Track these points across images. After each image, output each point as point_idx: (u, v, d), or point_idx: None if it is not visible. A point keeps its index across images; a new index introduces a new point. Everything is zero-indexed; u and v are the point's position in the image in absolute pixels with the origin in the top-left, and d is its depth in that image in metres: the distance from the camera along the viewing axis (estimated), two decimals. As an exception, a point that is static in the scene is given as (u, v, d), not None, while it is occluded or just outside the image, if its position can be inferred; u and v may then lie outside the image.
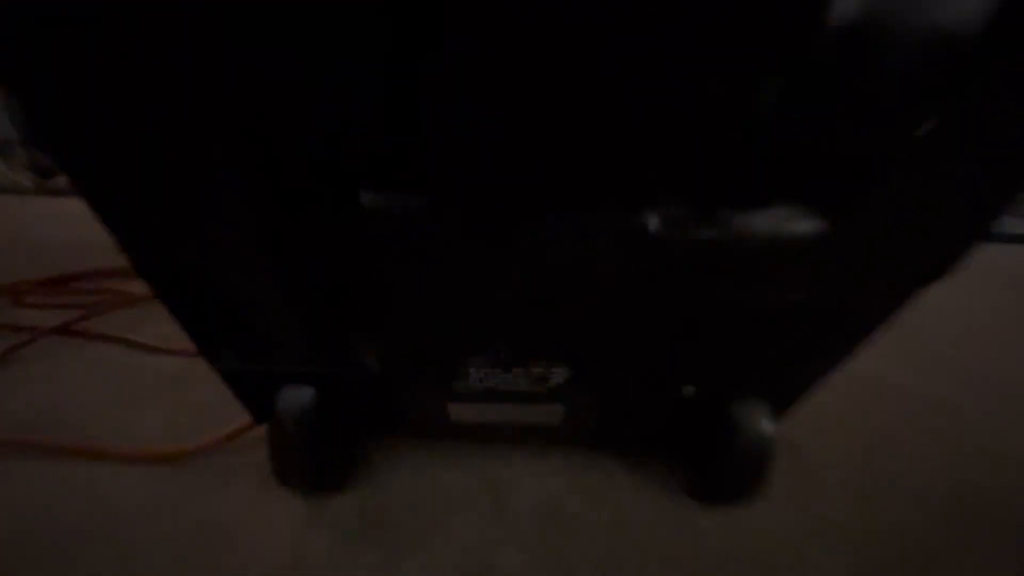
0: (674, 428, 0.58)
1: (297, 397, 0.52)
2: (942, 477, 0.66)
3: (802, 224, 0.37)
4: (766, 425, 0.53)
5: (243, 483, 0.59)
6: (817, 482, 0.63)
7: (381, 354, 0.47)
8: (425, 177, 0.35)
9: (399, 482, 0.60)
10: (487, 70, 0.30)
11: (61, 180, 3.71)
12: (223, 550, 0.51)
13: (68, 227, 1.97)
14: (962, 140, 0.32)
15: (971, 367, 1.01)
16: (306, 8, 0.28)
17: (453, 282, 0.40)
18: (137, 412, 0.72)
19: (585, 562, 0.50)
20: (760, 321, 0.45)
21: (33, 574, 0.47)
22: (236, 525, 0.54)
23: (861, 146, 0.33)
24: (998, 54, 0.28)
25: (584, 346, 0.45)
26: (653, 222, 0.36)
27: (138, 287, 1.17)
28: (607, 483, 0.61)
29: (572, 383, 0.48)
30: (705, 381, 0.51)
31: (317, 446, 0.54)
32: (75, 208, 0.45)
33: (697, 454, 0.58)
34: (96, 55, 0.28)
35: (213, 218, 0.37)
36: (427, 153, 0.33)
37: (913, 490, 0.63)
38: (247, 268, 0.40)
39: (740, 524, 0.56)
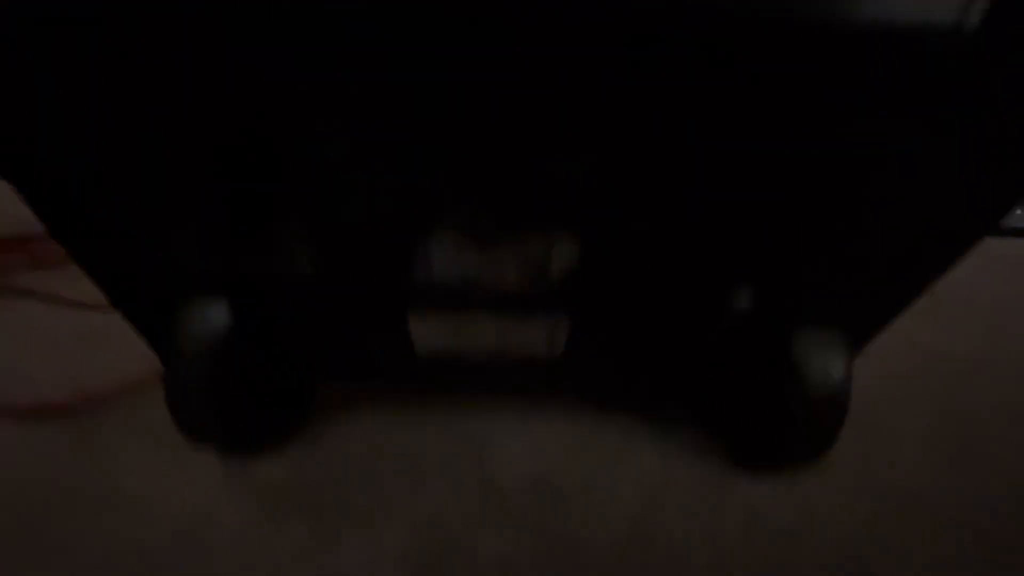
0: (716, 368, 0.44)
1: (205, 314, 0.38)
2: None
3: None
4: (840, 362, 0.39)
5: (146, 440, 0.45)
6: (890, 449, 0.49)
7: (316, 231, 0.32)
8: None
9: (352, 443, 0.46)
10: None
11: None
12: (107, 512, 0.37)
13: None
14: None
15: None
16: None
17: (403, 92, 0.26)
18: (43, 366, 0.59)
19: (597, 549, 0.36)
20: (847, 208, 0.32)
21: None
22: (126, 487, 0.40)
23: None
24: None
25: (603, 204, 0.30)
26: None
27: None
28: (623, 449, 0.47)
29: (582, 271, 0.34)
30: (766, 281, 0.36)
31: (233, 385, 0.40)
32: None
33: (747, 402, 0.44)
34: None
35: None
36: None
37: (998, 463, 0.49)
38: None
39: (802, 497, 0.42)
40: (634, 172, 0.28)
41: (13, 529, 0.36)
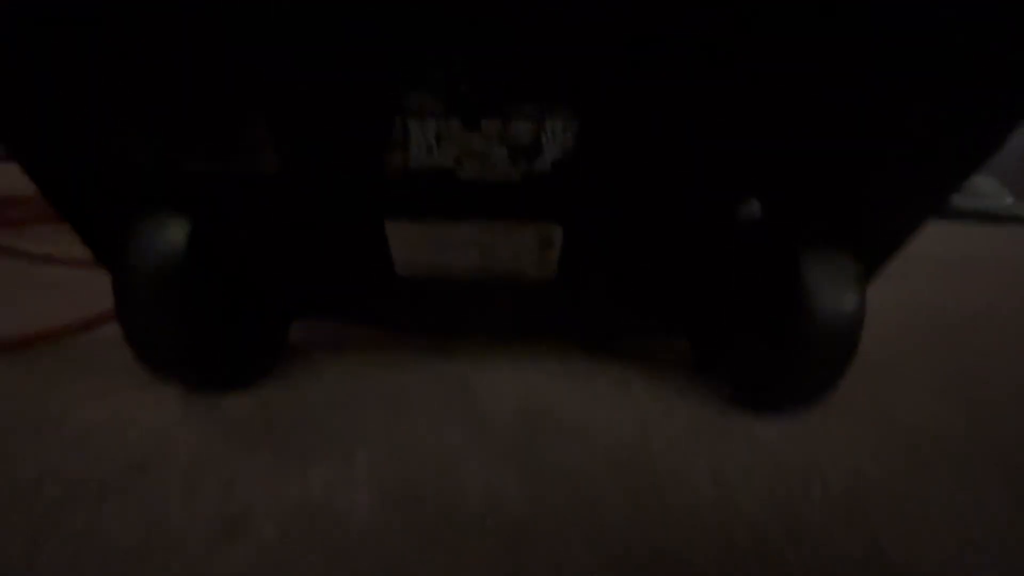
0: (718, 293, 0.41)
1: (161, 229, 0.34)
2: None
3: None
4: (852, 286, 0.36)
5: (102, 375, 0.42)
6: (895, 385, 0.47)
7: (278, 115, 0.29)
8: None
9: (326, 382, 0.43)
10: None
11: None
12: (52, 441, 0.33)
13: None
14: None
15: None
16: None
17: None
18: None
19: (594, 478, 0.33)
20: (858, 113, 0.29)
21: None
22: (76, 417, 0.36)
23: None
24: None
25: (604, 77, 0.26)
26: None
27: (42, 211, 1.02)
28: (618, 389, 0.44)
29: (577, 155, 0.30)
30: (773, 189, 0.33)
31: (194, 311, 0.36)
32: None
33: (751, 331, 0.41)
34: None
35: None
36: None
37: (1008, 396, 0.47)
38: None
39: (811, 435, 0.39)
40: (644, 44, 0.25)
41: None
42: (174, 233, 0.35)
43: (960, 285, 0.84)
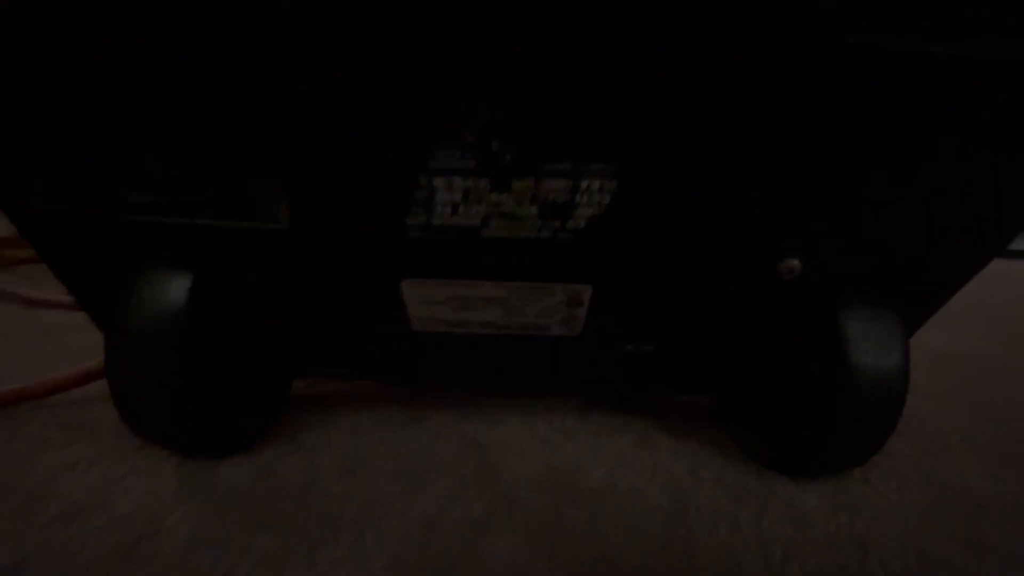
0: (753, 352, 0.39)
1: (160, 285, 0.32)
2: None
3: None
4: (897, 343, 0.34)
5: (90, 438, 0.39)
6: (935, 451, 0.44)
7: (292, 164, 0.27)
8: None
9: (333, 446, 0.40)
10: None
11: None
12: (39, 515, 0.30)
13: None
14: None
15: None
16: None
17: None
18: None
19: (628, 555, 0.30)
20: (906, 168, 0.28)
21: None
22: (63, 489, 0.33)
23: None
24: None
25: (647, 131, 0.25)
26: None
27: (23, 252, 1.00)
28: (642, 451, 0.41)
29: (611, 214, 0.28)
30: (815, 250, 0.31)
31: (191, 372, 0.34)
32: None
33: (787, 392, 0.38)
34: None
35: None
36: None
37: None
38: None
39: (852, 499, 0.36)
40: (682, 91, 0.23)
41: None
42: (174, 289, 0.32)
43: (998, 333, 0.82)
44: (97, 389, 0.44)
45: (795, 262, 0.31)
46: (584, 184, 0.25)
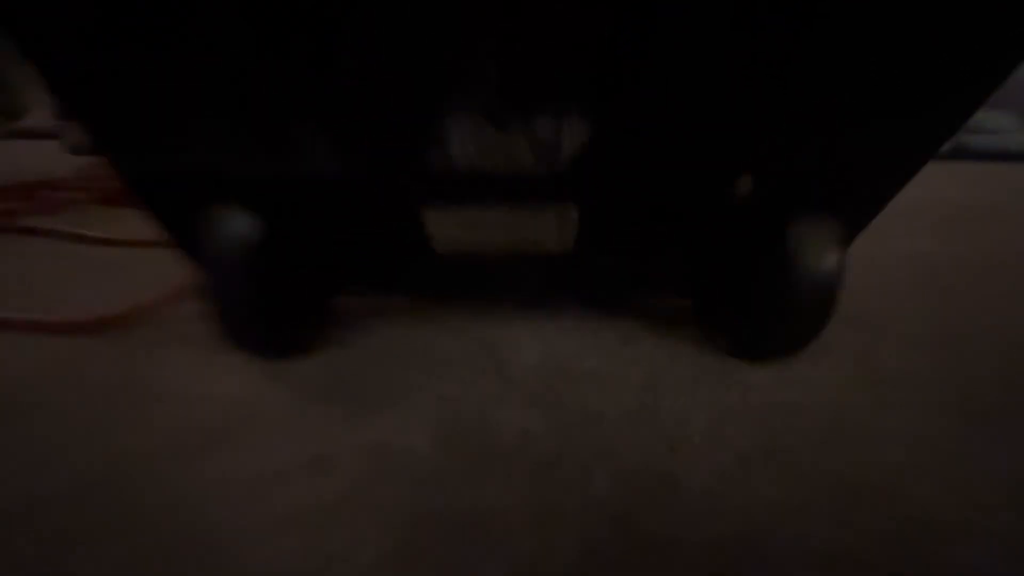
0: (715, 260, 0.47)
1: (237, 223, 0.41)
2: (1013, 331, 0.55)
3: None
4: (833, 250, 0.42)
5: (185, 347, 0.49)
6: (881, 336, 0.52)
7: (336, 125, 0.35)
8: None
9: (375, 344, 0.50)
10: None
11: (26, 123, 3.53)
12: (151, 404, 0.41)
13: (30, 163, 1.86)
14: None
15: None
16: None
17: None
18: (74, 290, 0.62)
19: (608, 419, 0.40)
20: (839, 92, 0.33)
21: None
22: (169, 383, 0.44)
23: None
24: None
25: (610, 83, 0.32)
26: None
27: (80, 194, 1.08)
28: (626, 343, 0.50)
29: (591, 151, 0.36)
30: (766, 167, 0.38)
31: (266, 290, 0.43)
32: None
33: (744, 291, 0.47)
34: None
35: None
36: None
37: (984, 344, 0.52)
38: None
39: (798, 378, 0.45)
40: (643, 54, 0.30)
41: (55, 420, 0.39)
42: (250, 226, 0.41)
43: (960, 233, 0.88)
44: (183, 308, 0.54)
45: (747, 181, 0.38)
46: (565, 125, 0.32)
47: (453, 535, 0.30)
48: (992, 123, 2.98)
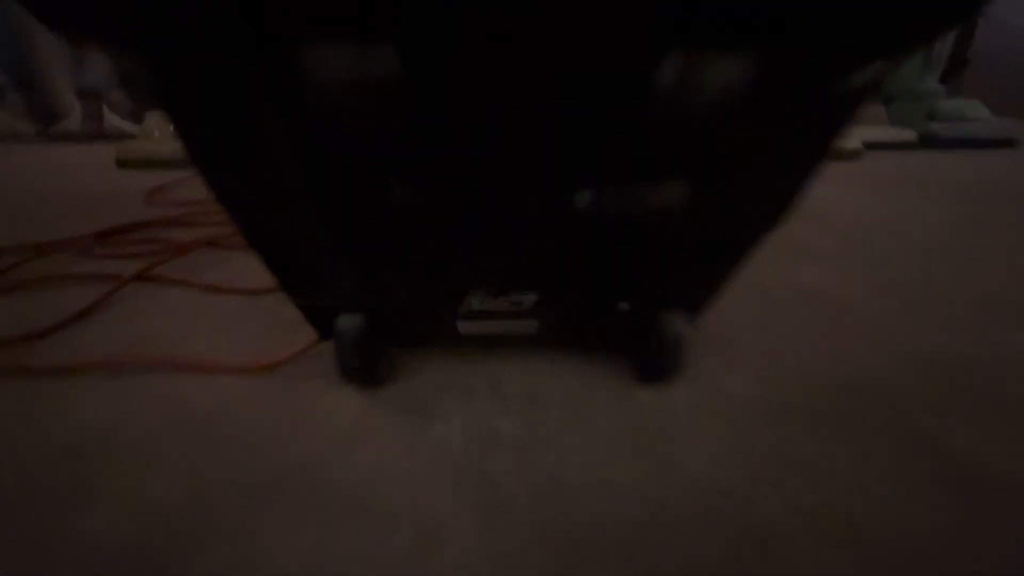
0: (620, 331, 0.80)
1: (352, 321, 0.74)
2: (832, 365, 0.89)
3: (681, 191, 0.57)
4: (681, 328, 0.75)
5: (316, 382, 0.83)
6: (729, 366, 0.86)
7: (408, 292, 0.69)
8: (429, 167, 0.54)
9: (426, 377, 0.84)
10: (462, 89, 0.47)
11: (62, 126, 3.76)
12: (301, 427, 0.75)
13: (86, 176, 2.14)
14: (774, 146, 0.51)
15: (874, 269, 1.22)
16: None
17: (452, 240, 0.60)
18: (215, 338, 0.95)
19: (557, 425, 0.74)
20: (669, 255, 0.66)
21: (176, 458, 0.71)
22: (311, 412, 0.78)
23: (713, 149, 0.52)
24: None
25: (545, 279, 0.66)
26: (582, 199, 0.55)
27: (184, 237, 1.37)
28: (574, 372, 0.84)
29: (540, 305, 0.70)
30: (636, 298, 0.72)
31: (367, 353, 0.76)
32: (80, 156, 0.61)
33: (636, 349, 0.81)
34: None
35: (293, 204, 0.57)
36: (428, 151, 0.52)
37: (807, 374, 0.86)
38: (317, 238, 0.61)
39: (666, 397, 0.79)
40: (570, 275, 0.63)
41: (249, 434, 0.74)
42: (357, 323, 0.74)
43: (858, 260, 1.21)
44: (308, 357, 0.87)
45: (626, 305, 0.71)
46: (526, 296, 0.65)
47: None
48: (966, 111, 3.20)
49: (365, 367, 0.77)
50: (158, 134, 2.32)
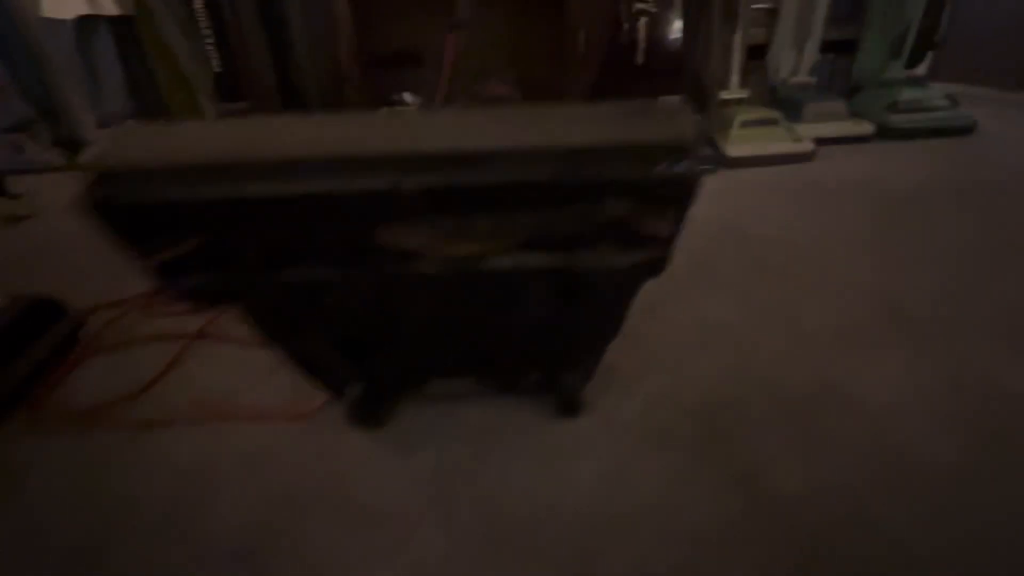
0: (540, 386, 1.17)
1: (355, 389, 1.10)
2: (708, 392, 1.24)
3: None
4: (578, 384, 1.11)
5: (336, 425, 1.20)
6: (621, 399, 1.22)
7: (399, 378, 1.06)
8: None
9: (411, 419, 1.21)
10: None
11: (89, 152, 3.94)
12: (329, 456, 1.13)
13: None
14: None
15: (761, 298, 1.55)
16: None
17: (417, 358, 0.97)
18: (260, 390, 1.32)
19: (497, 442, 1.11)
20: (556, 348, 1.02)
21: (249, 483, 1.09)
22: (335, 444, 1.15)
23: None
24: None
25: (480, 368, 1.02)
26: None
27: None
28: (514, 406, 1.21)
29: (479, 379, 1.07)
30: (540, 369, 1.09)
31: (370, 409, 1.14)
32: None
33: (551, 395, 1.17)
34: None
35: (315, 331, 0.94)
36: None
37: (683, 402, 1.21)
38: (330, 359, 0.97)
39: (571, 424, 1.16)
40: (492, 365, 0.99)
41: (296, 471, 1.12)
42: (362, 388, 1.11)
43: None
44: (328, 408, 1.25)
45: (535, 376, 1.07)
46: (466, 377, 1.02)
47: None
48: (925, 101, 3.05)
49: (369, 416, 1.15)
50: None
